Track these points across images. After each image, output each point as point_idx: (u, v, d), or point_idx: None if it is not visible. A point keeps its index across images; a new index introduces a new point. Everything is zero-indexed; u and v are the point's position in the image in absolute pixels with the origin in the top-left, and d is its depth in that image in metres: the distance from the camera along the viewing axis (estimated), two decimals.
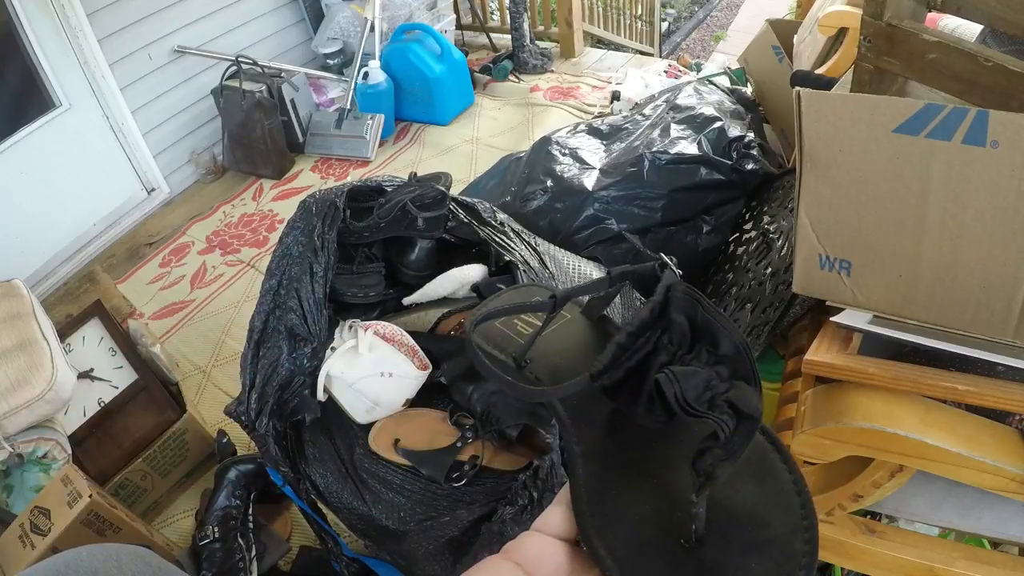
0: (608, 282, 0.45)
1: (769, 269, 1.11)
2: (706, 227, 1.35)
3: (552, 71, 2.81)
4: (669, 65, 2.69)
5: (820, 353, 0.72)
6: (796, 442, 0.71)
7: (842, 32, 1.51)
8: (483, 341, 0.45)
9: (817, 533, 0.33)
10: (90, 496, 1.05)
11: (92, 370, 1.42)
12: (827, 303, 0.80)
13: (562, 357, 0.46)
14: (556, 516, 0.36)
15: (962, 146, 0.63)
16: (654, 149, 1.35)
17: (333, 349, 0.90)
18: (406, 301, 1.03)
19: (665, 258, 0.42)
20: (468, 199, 1.07)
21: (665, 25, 5.33)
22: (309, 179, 2.42)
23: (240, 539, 1.15)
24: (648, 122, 1.49)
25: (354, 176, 2.39)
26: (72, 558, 0.55)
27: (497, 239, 1.01)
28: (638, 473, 0.37)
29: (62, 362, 1.24)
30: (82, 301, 1.72)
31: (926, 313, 0.72)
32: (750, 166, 1.33)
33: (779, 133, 1.73)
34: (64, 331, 1.50)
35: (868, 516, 0.84)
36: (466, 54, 2.77)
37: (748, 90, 1.82)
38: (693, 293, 0.38)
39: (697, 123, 1.41)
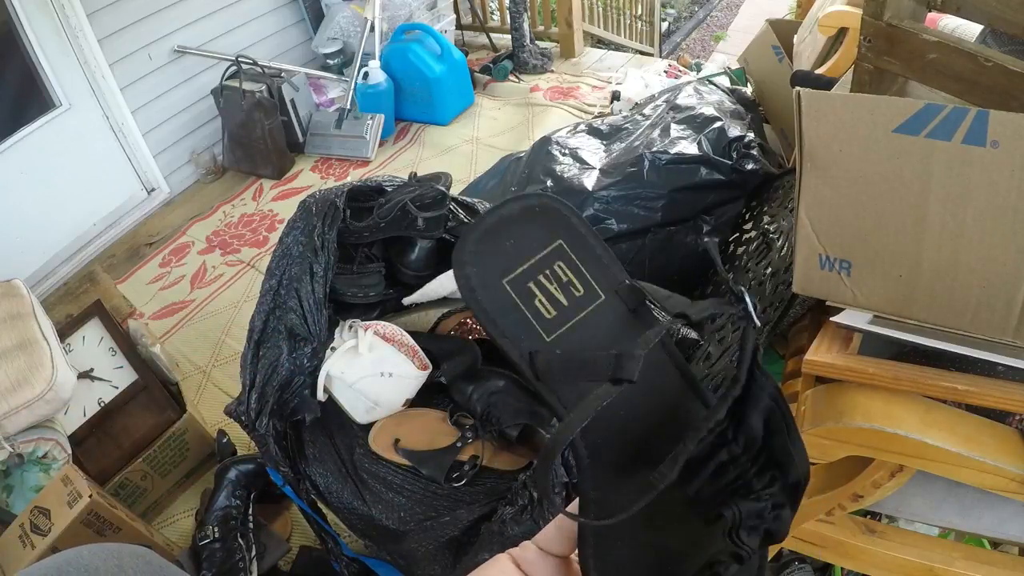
0: (684, 317, 0.40)
1: (769, 269, 1.11)
2: (706, 227, 1.35)
3: (552, 71, 2.81)
4: (669, 65, 2.69)
5: (820, 353, 0.72)
6: None
7: (842, 32, 1.51)
8: (490, 314, 0.40)
9: None
10: (90, 496, 1.05)
11: (92, 370, 1.42)
12: (827, 303, 0.80)
13: (592, 351, 0.41)
14: (554, 535, 0.36)
15: (962, 146, 0.63)
16: (654, 149, 1.35)
17: (333, 349, 0.90)
18: (406, 301, 1.03)
19: (748, 296, 0.38)
20: (468, 199, 1.07)
21: (665, 25, 5.33)
22: (309, 179, 2.42)
23: (240, 539, 1.15)
24: (648, 122, 1.49)
25: (354, 176, 2.39)
26: (73, 557, 0.55)
27: None
28: (649, 525, 0.36)
29: (62, 362, 1.24)
30: (82, 301, 1.72)
31: (926, 313, 0.72)
32: (750, 166, 1.33)
33: (779, 133, 1.73)
34: (64, 331, 1.50)
35: (868, 516, 0.84)
36: (466, 54, 2.77)
37: (748, 90, 1.82)
38: (781, 404, 0.35)
39: (697, 123, 1.41)
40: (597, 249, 0.45)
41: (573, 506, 0.37)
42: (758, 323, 0.37)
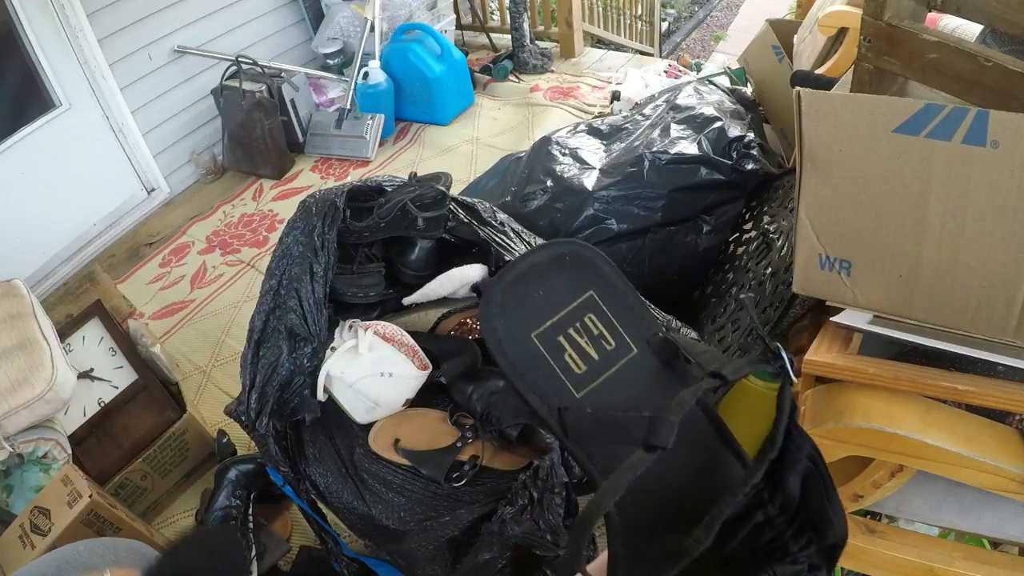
0: (712, 376, 0.37)
1: (769, 269, 1.11)
2: (706, 227, 1.35)
3: (552, 71, 2.81)
4: (669, 65, 2.69)
5: (820, 353, 0.72)
6: None
7: (842, 32, 1.51)
8: (518, 368, 0.37)
9: None
10: (90, 496, 1.05)
11: (92, 370, 1.42)
12: (827, 303, 0.80)
13: (624, 408, 0.38)
14: None
15: (962, 146, 0.63)
16: (654, 149, 1.35)
17: (333, 349, 0.90)
18: (406, 301, 1.03)
19: (784, 353, 0.35)
20: (468, 199, 1.07)
21: (665, 25, 5.33)
22: (309, 179, 2.42)
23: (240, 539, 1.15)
24: (648, 122, 1.49)
25: (354, 176, 2.39)
26: (70, 553, 0.55)
27: (497, 239, 1.01)
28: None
29: (62, 362, 1.24)
30: (82, 301, 1.72)
31: (926, 313, 0.72)
32: (750, 166, 1.33)
33: (779, 133, 1.73)
34: (64, 331, 1.50)
35: (868, 516, 0.84)
36: (466, 54, 2.77)
37: (748, 90, 1.82)
38: (820, 465, 0.33)
39: (697, 123, 1.41)
40: (629, 298, 0.43)
41: (602, 563, 0.35)
42: (795, 379, 0.36)
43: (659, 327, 0.43)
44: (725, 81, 1.97)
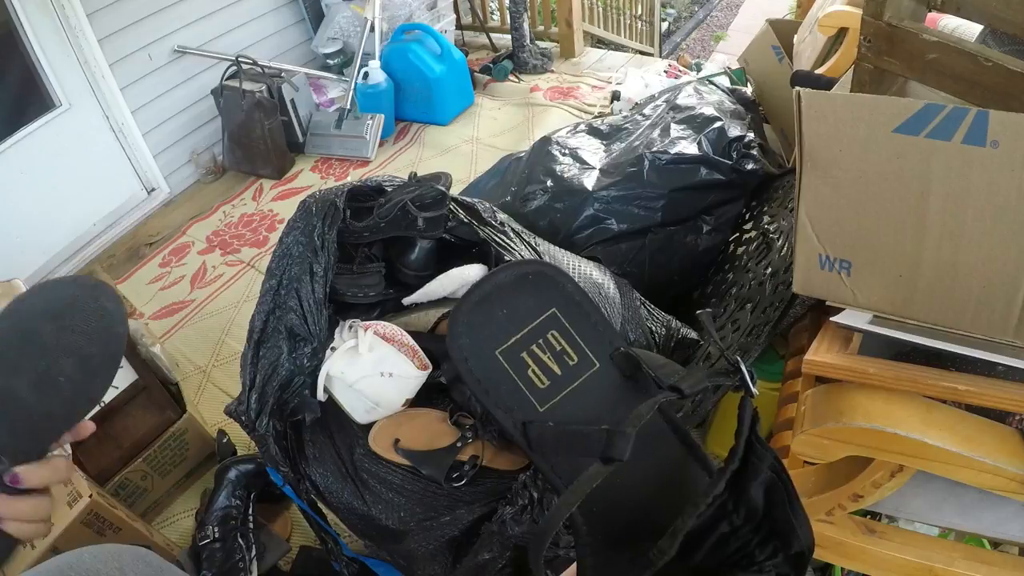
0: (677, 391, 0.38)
1: (769, 269, 1.11)
2: (706, 227, 1.35)
3: (552, 71, 2.81)
4: (669, 65, 2.69)
5: (820, 353, 0.72)
6: (796, 442, 0.71)
7: (842, 32, 1.51)
8: (483, 384, 0.38)
9: None
10: (90, 496, 1.05)
11: None
12: (827, 303, 0.80)
13: (586, 421, 0.39)
14: None
15: (962, 146, 0.63)
16: (654, 149, 1.35)
17: (333, 349, 0.90)
18: (406, 301, 1.03)
19: (743, 366, 0.36)
20: (468, 199, 1.07)
21: (665, 25, 5.33)
22: (309, 179, 2.42)
23: (240, 539, 1.15)
24: (648, 122, 1.49)
25: (354, 176, 2.39)
26: (74, 560, 0.54)
27: (497, 239, 1.01)
28: None
29: None
30: None
31: (926, 313, 0.72)
32: (750, 166, 1.33)
33: (779, 133, 1.73)
34: None
35: (868, 516, 0.84)
36: (466, 54, 2.77)
37: (748, 90, 1.82)
38: (782, 474, 0.34)
39: (697, 123, 1.41)
40: (592, 315, 0.45)
41: (571, 573, 0.36)
42: (755, 392, 0.37)
43: (621, 342, 0.44)
44: (725, 81, 1.97)
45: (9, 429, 0.49)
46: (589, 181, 1.36)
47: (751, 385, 0.36)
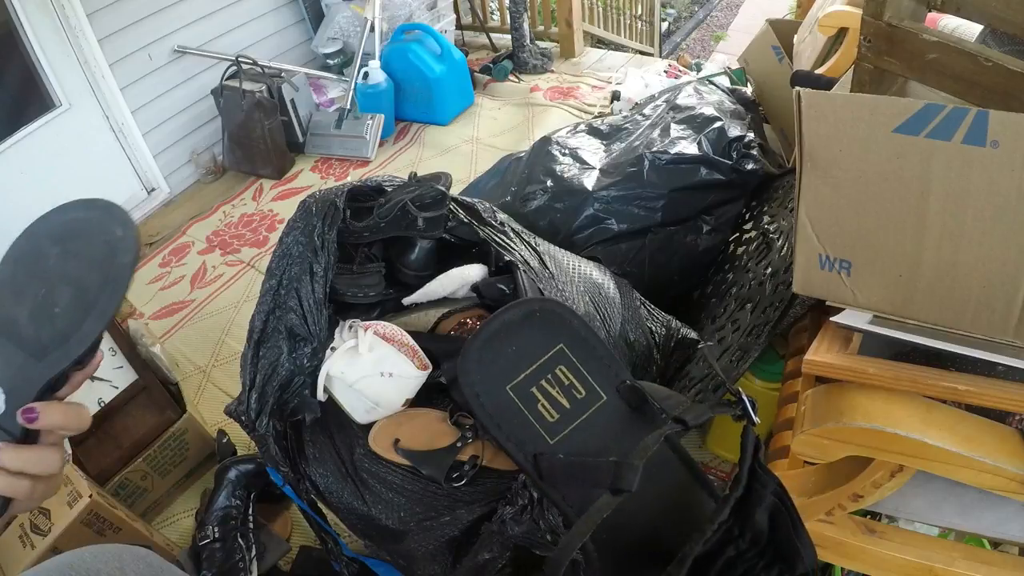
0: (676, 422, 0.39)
1: (769, 269, 1.11)
2: (706, 227, 1.35)
3: (552, 71, 2.81)
4: (669, 65, 2.69)
5: (820, 353, 0.72)
6: (796, 442, 0.71)
7: (842, 32, 1.51)
8: (494, 419, 0.40)
9: None
10: (90, 496, 1.05)
11: None
12: (827, 303, 0.80)
13: (595, 452, 0.41)
14: None
15: (962, 146, 0.63)
16: (654, 149, 1.35)
17: (333, 349, 0.90)
18: (406, 301, 1.03)
19: (744, 396, 0.38)
20: (468, 199, 1.07)
21: (665, 25, 5.33)
22: (309, 179, 2.42)
23: (240, 539, 1.15)
24: (648, 122, 1.50)
25: (354, 176, 2.39)
26: (75, 559, 0.54)
27: (497, 239, 1.01)
28: None
29: None
30: None
31: (926, 313, 0.72)
32: (750, 166, 1.33)
33: (779, 133, 1.73)
34: None
35: (868, 516, 0.84)
36: (466, 54, 2.77)
37: (748, 90, 1.82)
38: (785, 499, 0.35)
39: (697, 123, 1.41)
40: (598, 350, 0.46)
41: None
42: (757, 421, 0.38)
43: (627, 375, 0.46)
44: (725, 81, 1.97)
45: (6, 360, 0.45)
46: (589, 181, 1.36)
47: (753, 414, 0.37)
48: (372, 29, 2.47)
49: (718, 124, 1.38)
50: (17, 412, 0.43)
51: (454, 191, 1.05)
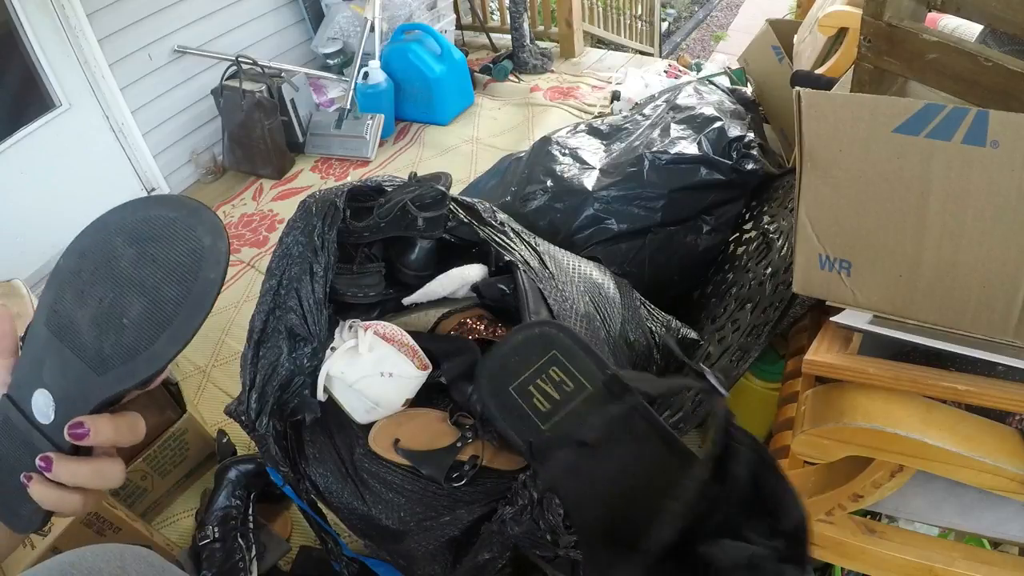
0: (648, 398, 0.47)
1: (769, 269, 1.11)
2: (706, 227, 1.35)
3: (552, 71, 2.81)
4: (669, 65, 2.69)
5: (820, 353, 0.72)
6: (796, 442, 0.71)
7: (842, 32, 1.51)
8: (498, 414, 0.49)
9: None
10: None
11: None
12: (827, 303, 0.80)
13: (579, 433, 0.49)
14: None
15: (962, 146, 0.63)
16: (654, 149, 1.35)
17: (333, 349, 0.90)
18: (406, 301, 1.03)
19: (708, 373, 0.42)
20: (468, 199, 1.07)
21: (665, 25, 5.33)
22: (309, 179, 2.42)
23: (240, 539, 1.15)
24: (648, 122, 1.49)
25: (354, 176, 2.39)
26: (76, 558, 0.54)
27: (497, 239, 1.01)
28: None
29: None
30: None
31: (926, 313, 0.72)
32: (750, 166, 1.33)
33: (779, 133, 1.73)
34: None
35: (868, 516, 0.84)
36: (466, 54, 2.77)
37: (748, 90, 1.82)
38: (763, 453, 0.36)
39: (697, 123, 1.41)
40: (586, 352, 0.56)
41: None
42: (725, 393, 0.42)
43: (611, 368, 0.56)
44: (725, 81, 1.97)
45: (62, 367, 0.40)
46: (589, 181, 1.36)
47: (719, 387, 0.43)
48: (372, 29, 2.47)
49: (718, 124, 1.38)
50: (64, 428, 0.39)
51: (454, 191, 1.05)
